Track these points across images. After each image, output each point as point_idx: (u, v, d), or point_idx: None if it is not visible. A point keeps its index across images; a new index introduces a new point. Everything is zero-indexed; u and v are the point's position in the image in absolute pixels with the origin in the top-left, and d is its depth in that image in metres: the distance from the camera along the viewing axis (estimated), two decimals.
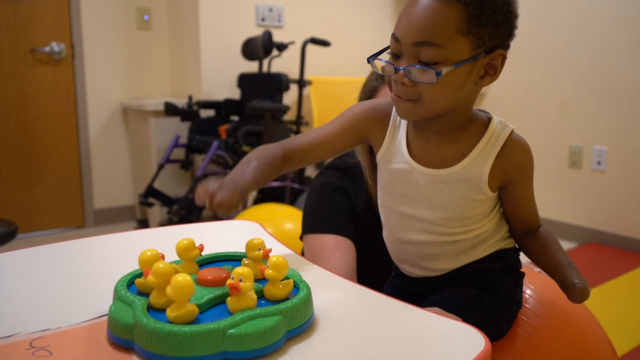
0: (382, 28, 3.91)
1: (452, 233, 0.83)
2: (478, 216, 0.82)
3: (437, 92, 0.72)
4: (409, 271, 0.90)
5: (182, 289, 0.53)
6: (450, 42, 0.70)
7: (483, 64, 0.74)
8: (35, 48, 3.04)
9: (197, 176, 2.63)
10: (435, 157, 0.81)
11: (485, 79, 0.75)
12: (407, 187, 0.83)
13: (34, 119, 3.10)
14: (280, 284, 0.60)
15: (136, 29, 3.35)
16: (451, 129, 0.80)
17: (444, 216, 0.81)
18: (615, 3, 2.84)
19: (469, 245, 0.84)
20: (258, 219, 1.97)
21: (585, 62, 2.97)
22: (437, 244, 0.84)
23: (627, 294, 2.34)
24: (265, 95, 2.91)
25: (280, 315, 0.56)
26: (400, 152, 0.83)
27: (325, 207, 1.19)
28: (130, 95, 3.37)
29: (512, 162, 0.79)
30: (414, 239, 0.85)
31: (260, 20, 3.33)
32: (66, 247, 0.88)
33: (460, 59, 0.71)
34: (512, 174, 0.80)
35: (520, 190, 0.83)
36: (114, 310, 0.57)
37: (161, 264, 0.56)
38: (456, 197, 0.80)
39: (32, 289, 0.71)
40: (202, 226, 1.06)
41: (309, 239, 1.19)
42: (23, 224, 3.10)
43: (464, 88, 0.74)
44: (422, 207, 0.83)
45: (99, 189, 3.35)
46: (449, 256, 0.85)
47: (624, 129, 2.88)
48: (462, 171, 0.79)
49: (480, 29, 0.71)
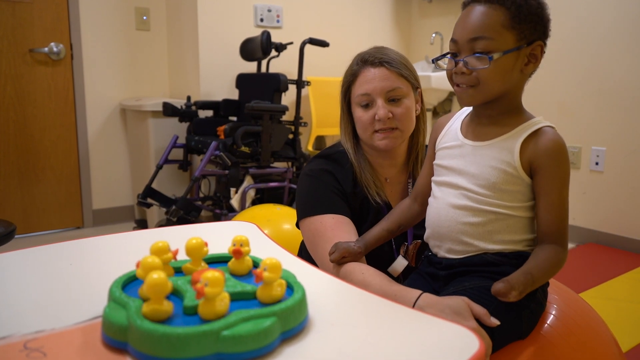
0: (380, 29, 3.91)
1: (485, 202, 0.93)
2: (510, 194, 0.93)
3: (491, 75, 0.90)
4: (438, 251, 1.01)
5: (155, 286, 0.54)
6: (498, 34, 0.89)
7: (526, 54, 0.91)
8: (34, 48, 3.04)
9: (195, 176, 2.63)
10: (481, 134, 0.98)
11: (529, 66, 0.92)
12: (455, 159, 0.99)
13: (32, 119, 3.10)
14: (275, 285, 0.60)
15: (135, 29, 3.35)
16: (500, 113, 0.96)
17: (480, 183, 0.94)
18: (614, 5, 2.85)
19: (498, 226, 0.94)
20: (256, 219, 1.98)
21: (584, 63, 2.98)
22: (472, 211, 0.94)
23: (625, 295, 2.34)
24: (263, 96, 2.91)
25: (275, 316, 0.56)
26: (454, 134, 1.02)
27: (318, 189, 1.21)
28: (128, 95, 3.37)
29: (541, 148, 0.90)
30: (454, 203, 0.97)
31: (259, 20, 3.33)
32: (63, 248, 0.88)
33: (507, 48, 0.89)
34: (536, 161, 0.91)
35: (543, 184, 0.91)
36: (108, 311, 0.57)
37: (149, 258, 0.57)
38: (489, 164, 0.94)
39: (27, 290, 0.71)
40: (199, 227, 1.06)
41: (308, 222, 1.19)
42: (22, 224, 3.10)
43: (512, 73, 0.91)
44: (463, 177, 0.97)
45: (98, 190, 3.35)
46: (479, 231, 0.95)
47: (623, 130, 2.88)
48: (497, 143, 0.94)
49: (520, 25, 0.89)
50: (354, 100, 1.23)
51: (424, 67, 3.77)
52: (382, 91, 1.18)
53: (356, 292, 0.72)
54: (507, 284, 0.83)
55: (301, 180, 1.27)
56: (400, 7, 4.00)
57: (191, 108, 3.01)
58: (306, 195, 1.23)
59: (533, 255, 0.91)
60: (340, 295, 0.73)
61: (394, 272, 1.22)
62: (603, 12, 2.89)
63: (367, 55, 1.23)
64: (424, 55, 3.85)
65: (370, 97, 1.19)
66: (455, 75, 0.94)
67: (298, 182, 1.29)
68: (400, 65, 1.21)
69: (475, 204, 0.94)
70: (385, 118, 1.18)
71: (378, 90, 1.18)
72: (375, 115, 1.18)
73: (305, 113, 3.35)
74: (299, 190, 1.26)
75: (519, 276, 0.85)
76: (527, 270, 0.87)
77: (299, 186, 1.27)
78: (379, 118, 1.18)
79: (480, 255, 0.95)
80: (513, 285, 0.83)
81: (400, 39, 4.04)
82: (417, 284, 1.04)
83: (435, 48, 3.79)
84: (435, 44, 3.76)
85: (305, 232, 1.21)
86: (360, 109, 1.21)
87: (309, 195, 1.22)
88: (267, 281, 0.59)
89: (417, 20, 4.03)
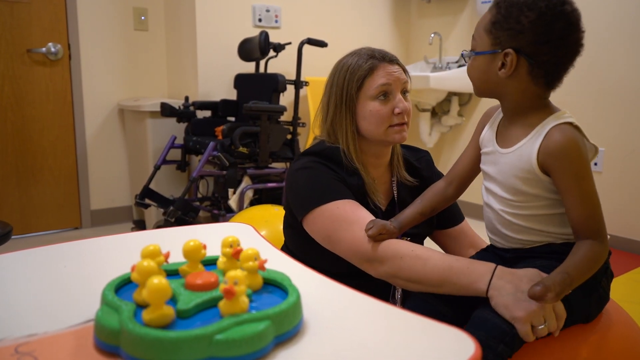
0: (379, 29, 3.91)
1: (521, 207, 0.97)
2: (535, 197, 0.95)
3: (470, 71, 0.99)
4: (496, 241, 1.05)
5: (157, 292, 0.53)
6: (478, 36, 0.97)
7: (500, 59, 0.93)
8: (31, 49, 3.03)
9: (193, 177, 2.62)
10: (505, 139, 1.00)
11: (501, 72, 0.94)
12: (490, 165, 1.03)
13: (30, 119, 3.09)
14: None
15: (133, 29, 3.34)
16: (512, 113, 0.99)
17: (509, 191, 0.97)
18: (613, 6, 2.84)
19: (547, 223, 0.96)
20: (254, 220, 1.98)
21: (583, 64, 2.96)
22: (514, 217, 0.98)
23: (625, 296, 2.34)
24: (261, 96, 2.91)
25: (269, 320, 0.55)
26: (490, 138, 1.04)
27: (322, 179, 1.16)
28: (127, 96, 3.37)
29: (547, 151, 0.91)
30: (498, 208, 1.00)
31: (257, 21, 3.32)
32: (58, 250, 0.87)
33: (481, 50, 0.96)
34: (548, 162, 0.91)
35: (559, 184, 0.91)
36: (101, 315, 0.56)
37: (145, 262, 0.56)
38: (512, 173, 0.96)
39: (21, 292, 0.71)
40: (196, 228, 1.06)
41: (322, 211, 1.12)
42: (19, 225, 3.10)
43: (489, 74, 0.96)
44: (497, 184, 1.00)
45: (96, 190, 3.34)
46: (530, 231, 0.97)
47: (621, 131, 2.88)
48: (517, 151, 0.96)
49: (497, 31, 0.93)
50: (367, 94, 1.19)
51: (422, 67, 3.77)
52: (400, 83, 1.21)
53: (353, 294, 0.72)
54: (543, 286, 0.82)
55: (294, 175, 1.20)
56: (399, 8, 4.00)
57: (189, 108, 3.00)
58: (310, 186, 1.16)
59: (570, 253, 0.89)
60: (335, 297, 0.72)
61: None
62: (602, 12, 2.88)
63: (378, 53, 1.22)
64: (423, 55, 3.85)
65: (390, 87, 1.19)
66: None
67: (289, 179, 1.22)
68: (403, 67, 1.25)
69: (511, 209, 0.98)
70: (407, 110, 1.20)
71: (398, 82, 1.20)
72: (394, 108, 1.19)
73: (303, 113, 3.35)
74: (296, 185, 1.19)
75: (555, 277, 0.84)
76: (564, 269, 0.86)
77: (294, 181, 1.20)
78: (400, 111, 1.19)
79: (547, 245, 0.98)
80: (549, 287, 0.82)
81: (399, 39, 4.04)
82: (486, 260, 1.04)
83: (434, 48, 3.78)
84: (434, 44, 3.76)
85: (320, 222, 1.13)
86: (376, 102, 1.19)
87: (314, 185, 1.16)
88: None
89: (416, 20, 4.02)
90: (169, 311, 0.55)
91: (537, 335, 0.88)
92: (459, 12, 3.68)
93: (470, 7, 3.59)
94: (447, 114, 3.69)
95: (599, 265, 0.89)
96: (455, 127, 3.76)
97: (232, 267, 0.68)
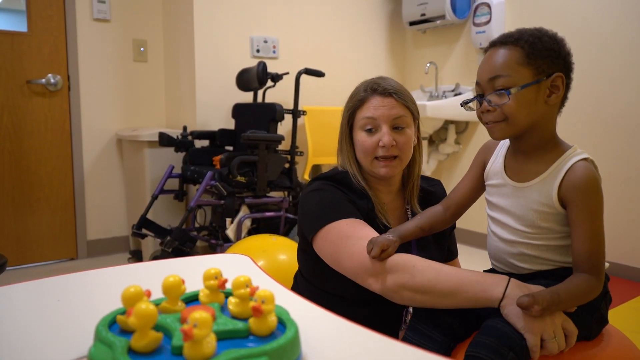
0: (375, 59, 3.96)
1: (533, 238, 0.99)
2: (549, 229, 0.98)
3: (514, 108, 0.96)
4: (500, 268, 1.07)
5: (145, 317, 0.53)
6: (514, 71, 0.95)
7: (547, 86, 0.96)
8: (31, 80, 3.05)
9: (191, 207, 2.61)
10: (520, 173, 1.02)
11: (552, 97, 0.97)
12: (499, 197, 1.05)
13: (28, 150, 3.09)
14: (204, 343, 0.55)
15: (132, 60, 3.38)
16: (534, 149, 1.00)
17: (524, 223, 1.00)
18: (606, 33, 2.89)
19: (552, 253, 0.99)
20: (251, 250, 1.96)
21: (579, 93, 3.00)
22: (524, 246, 1.01)
23: (626, 324, 2.30)
24: (259, 126, 2.92)
25: (266, 356, 0.54)
26: (498, 170, 1.07)
27: (334, 199, 1.18)
28: (125, 126, 3.38)
29: (570, 184, 0.94)
30: (507, 239, 1.03)
31: (255, 51, 3.36)
32: (51, 283, 0.86)
33: (524, 82, 0.95)
34: (569, 196, 0.95)
35: (574, 217, 0.94)
36: (94, 351, 0.55)
37: (144, 305, 0.55)
38: (531, 207, 0.99)
39: (13, 327, 0.69)
40: (192, 260, 1.05)
41: (330, 228, 1.13)
42: (15, 256, 3.07)
43: (536, 105, 0.96)
44: (509, 216, 1.02)
45: (93, 220, 3.32)
46: (530, 257, 1.01)
47: (619, 158, 2.89)
48: (536, 186, 0.99)
49: (536, 60, 0.95)
50: (357, 124, 1.24)
51: (419, 96, 3.80)
52: (388, 118, 1.21)
53: (352, 327, 0.70)
54: (532, 298, 0.86)
55: (305, 198, 1.23)
56: (395, 38, 4.06)
57: (187, 138, 3.01)
58: (319, 206, 1.18)
59: (567, 280, 0.93)
60: (335, 331, 0.71)
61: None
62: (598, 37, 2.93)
63: (376, 85, 1.24)
64: (419, 84, 3.89)
65: (375, 122, 1.20)
66: (483, 115, 1.01)
67: (301, 202, 1.25)
68: (406, 97, 1.24)
69: (525, 240, 1.00)
70: (389, 145, 1.19)
71: (385, 117, 1.20)
72: (379, 141, 1.20)
73: (301, 142, 3.36)
74: (307, 207, 1.21)
75: (545, 293, 0.88)
76: (556, 290, 0.90)
77: (305, 204, 1.22)
78: (383, 144, 1.19)
79: (549, 271, 1.00)
80: (537, 300, 0.86)
81: (395, 69, 4.09)
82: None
83: (429, 77, 3.83)
84: (430, 73, 3.80)
85: (328, 240, 1.14)
86: (363, 133, 1.22)
87: (324, 205, 1.18)
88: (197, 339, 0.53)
89: (412, 50, 4.08)
90: (156, 335, 0.55)
91: (546, 351, 0.89)
92: (454, 41, 3.73)
93: (465, 37, 3.65)
94: (444, 142, 3.71)
95: (589, 299, 0.93)
96: (452, 155, 3.78)
97: (215, 300, 0.67)
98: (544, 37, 0.96)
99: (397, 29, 4.05)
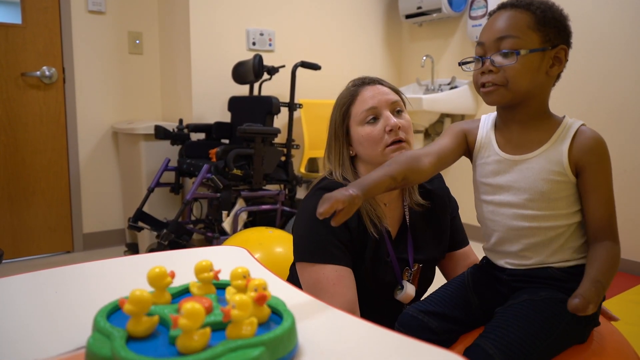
0: (371, 52, 3.95)
1: (541, 218, 0.96)
2: (561, 201, 0.95)
3: (519, 72, 0.93)
4: (497, 261, 1.04)
5: (139, 303, 0.55)
6: (524, 34, 0.93)
7: (551, 56, 0.95)
8: (26, 72, 3.04)
9: (187, 200, 2.61)
10: (519, 144, 0.98)
11: (554, 68, 0.95)
12: (497, 176, 1.00)
13: (24, 143, 3.08)
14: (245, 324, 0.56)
15: (128, 53, 3.37)
16: (530, 118, 0.98)
17: (531, 197, 0.96)
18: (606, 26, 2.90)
19: (556, 239, 0.96)
20: (248, 243, 1.96)
21: (578, 83, 3.01)
22: (530, 231, 0.97)
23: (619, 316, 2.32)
24: (255, 119, 2.92)
25: (263, 346, 0.55)
26: (490, 147, 1.02)
27: (321, 234, 1.14)
28: (121, 118, 3.37)
29: (583, 147, 0.93)
30: (512, 226, 0.98)
31: (251, 44, 3.36)
32: (48, 275, 0.86)
33: (533, 47, 0.93)
34: (584, 159, 0.93)
35: (593, 180, 0.93)
36: (92, 342, 0.55)
37: (138, 292, 0.55)
38: (539, 177, 0.95)
39: (11, 319, 0.69)
40: (189, 252, 1.05)
41: (308, 270, 1.14)
42: (11, 249, 3.07)
43: (538, 73, 0.94)
44: (511, 193, 0.98)
45: (89, 213, 3.32)
46: (539, 248, 0.97)
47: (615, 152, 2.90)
48: (543, 154, 0.96)
49: (545, 27, 0.93)
50: (355, 120, 1.20)
51: (415, 90, 3.80)
52: (387, 103, 1.20)
53: (348, 319, 0.71)
54: (583, 299, 0.84)
55: (303, 216, 1.20)
56: (391, 31, 4.05)
57: (183, 131, 3.01)
58: (306, 237, 1.16)
59: (592, 260, 0.92)
60: (331, 322, 0.71)
61: (406, 298, 1.20)
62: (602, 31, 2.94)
63: (361, 79, 1.24)
64: (415, 77, 3.89)
65: (376, 110, 1.18)
66: (482, 76, 0.97)
67: (299, 215, 1.23)
68: (392, 86, 1.25)
69: (533, 223, 0.97)
70: (397, 127, 1.17)
71: (384, 102, 1.19)
72: (384, 127, 1.17)
73: (297, 135, 3.36)
74: (300, 227, 1.19)
75: (590, 288, 0.86)
76: (594, 278, 0.88)
77: (300, 221, 1.20)
78: (390, 128, 1.17)
79: (545, 269, 0.98)
80: (588, 299, 0.84)
81: (392, 62, 4.08)
82: (480, 282, 1.06)
83: (426, 70, 3.83)
84: (426, 66, 3.80)
85: (305, 278, 1.15)
86: (366, 126, 1.19)
87: (310, 238, 1.15)
88: (236, 320, 0.55)
89: (408, 44, 4.08)
90: (151, 319, 0.56)
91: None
92: (449, 35, 3.73)
93: (461, 30, 3.64)
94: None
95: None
96: None
97: (207, 292, 0.67)
98: (554, 7, 0.97)
99: (394, 22, 4.05)
